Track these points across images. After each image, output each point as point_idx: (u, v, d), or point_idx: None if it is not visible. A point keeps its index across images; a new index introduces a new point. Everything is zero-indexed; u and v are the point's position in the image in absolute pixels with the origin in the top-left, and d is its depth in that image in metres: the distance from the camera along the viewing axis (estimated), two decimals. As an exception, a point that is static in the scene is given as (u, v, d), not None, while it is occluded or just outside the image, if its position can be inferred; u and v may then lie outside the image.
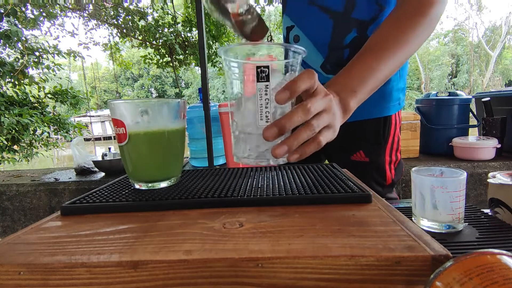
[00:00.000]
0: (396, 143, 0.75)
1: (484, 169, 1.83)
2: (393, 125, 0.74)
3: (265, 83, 0.38)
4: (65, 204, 0.41)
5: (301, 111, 0.37)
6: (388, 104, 0.73)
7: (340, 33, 0.69)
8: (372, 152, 0.74)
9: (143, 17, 4.80)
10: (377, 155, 0.74)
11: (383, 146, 0.74)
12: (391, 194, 0.78)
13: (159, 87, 22.48)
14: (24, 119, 2.67)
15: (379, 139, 0.73)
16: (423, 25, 0.51)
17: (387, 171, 0.75)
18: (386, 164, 0.74)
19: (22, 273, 0.26)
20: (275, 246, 0.27)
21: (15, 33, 2.81)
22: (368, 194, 0.39)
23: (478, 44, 20.82)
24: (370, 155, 0.73)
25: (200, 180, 0.51)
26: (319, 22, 0.71)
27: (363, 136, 0.74)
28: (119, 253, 0.27)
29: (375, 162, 0.74)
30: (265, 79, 0.38)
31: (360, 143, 0.74)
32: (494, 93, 2.13)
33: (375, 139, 0.73)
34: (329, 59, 0.72)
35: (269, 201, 0.39)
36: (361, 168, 0.73)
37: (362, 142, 0.74)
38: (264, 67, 0.38)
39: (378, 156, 0.74)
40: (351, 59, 0.51)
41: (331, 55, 0.71)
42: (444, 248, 0.25)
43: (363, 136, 0.74)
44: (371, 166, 0.74)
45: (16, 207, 1.94)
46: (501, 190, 0.50)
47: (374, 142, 0.74)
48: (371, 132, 0.73)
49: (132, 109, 0.44)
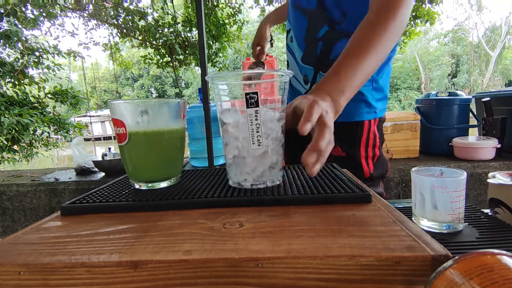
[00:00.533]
0: (372, 139, 0.83)
1: (484, 169, 1.83)
2: (366, 126, 0.82)
3: (254, 108, 0.40)
4: (65, 204, 0.41)
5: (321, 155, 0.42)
6: (361, 111, 0.82)
7: (314, 28, 0.80)
8: (348, 147, 0.82)
9: (143, 17, 4.79)
10: (352, 150, 0.82)
11: (358, 142, 0.82)
12: (376, 188, 0.83)
13: (159, 87, 22.47)
14: (24, 119, 2.67)
15: (354, 136, 0.82)
16: (394, 28, 0.59)
17: (363, 165, 0.82)
18: (362, 159, 0.82)
19: (22, 273, 0.26)
20: (275, 246, 0.27)
21: (15, 33, 2.81)
22: (368, 194, 0.39)
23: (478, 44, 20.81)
24: (346, 150, 0.82)
25: (200, 180, 0.51)
26: (299, 21, 0.83)
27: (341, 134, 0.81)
28: (119, 253, 0.27)
29: (351, 156, 0.82)
30: (254, 105, 0.40)
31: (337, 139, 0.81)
32: (494, 93, 2.13)
33: (350, 137, 0.82)
34: (307, 52, 0.84)
35: (269, 201, 0.39)
36: (339, 162, 0.79)
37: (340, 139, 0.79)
38: (253, 93, 0.40)
39: (353, 151, 0.82)
40: (336, 61, 0.57)
41: (308, 48, 0.83)
42: (444, 248, 0.25)
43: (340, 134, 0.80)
44: (347, 160, 0.81)
45: (16, 207, 1.94)
46: (501, 190, 0.50)
47: (350, 139, 0.82)
48: (347, 131, 0.82)
49: (132, 109, 0.44)
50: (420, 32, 4.86)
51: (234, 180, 0.45)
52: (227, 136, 0.44)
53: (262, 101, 0.41)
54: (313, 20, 0.80)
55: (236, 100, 0.43)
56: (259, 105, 0.40)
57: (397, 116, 2.04)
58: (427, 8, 4.20)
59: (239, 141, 0.43)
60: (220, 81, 0.43)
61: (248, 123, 0.41)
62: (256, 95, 0.40)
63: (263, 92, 0.41)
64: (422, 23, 4.43)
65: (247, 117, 0.41)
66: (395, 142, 2.02)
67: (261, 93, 0.41)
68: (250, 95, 0.40)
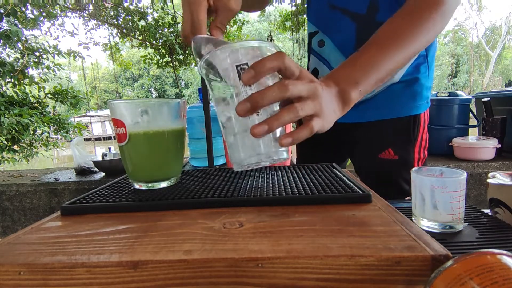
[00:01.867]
0: (424, 140, 0.74)
1: (484, 169, 1.83)
2: (422, 123, 0.73)
3: None
4: (65, 204, 0.41)
5: (277, 86, 0.35)
6: (418, 103, 0.72)
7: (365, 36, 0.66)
8: (402, 150, 0.72)
9: (143, 17, 4.79)
10: (407, 153, 0.73)
11: (413, 143, 0.73)
12: None
13: (159, 87, 22.48)
14: (24, 119, 2.67)
15: (409, 136, 0.72)
16: (433, 20, 0.50)
17: None
18: (415, 162, 0.73)
19: (22, 273, 0.26)
20: (275, 246, 0.27)
21: (15, 33, 2.81)
22: (368, 194, 0.39)
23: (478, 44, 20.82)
24: (399, 152, 0.72)
25: (200, 180, 0.51)
26: (342, 26, 0.70)
27: (393, 133, 0.74)
28: (119, 253, 0.27)
29: (404, 160, 0.72)
30: None
31: (389, 140, 0.74)
32: (494, 93, 2.13)
33: (405, 137, 0.72)
34: None
35: (269, 201, 0.39)
36: (388, 166, 0.73)
37: (392, 140, 0.73)
38: (243, 65, 0.37)
39: (408, 153, 0.73)
40: (356, 51, 0.50)
41: None
42: (444, 248, 0.25)
43: (392, 133, 0.74)
44: (400, 164, 0.72)
45: (16, 207, 1.94)
46: (501, 190, 0.50)
47: (405, 140, 0.73)
48: (402, 130, 0.73)
49: (132, 109, 0.44)
50: (420, 32, 4.84)
51: (238, 161, 0.41)
52: (224, 116, 0.41)
53: None
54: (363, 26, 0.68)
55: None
56: None
57: (397, 116, 2.03)
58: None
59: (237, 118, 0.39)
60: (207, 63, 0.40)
61: (243, 95, 0.38)
62: (247, 66, 0.37)
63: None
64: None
65: (241, 88, 0.38)
66: (395, 142, 2.02)
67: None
68: (240, 66, 0.37)
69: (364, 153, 0.77)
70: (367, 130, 0.75)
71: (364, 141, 0.74)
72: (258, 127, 0.35)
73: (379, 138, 0.74)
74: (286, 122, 0.37)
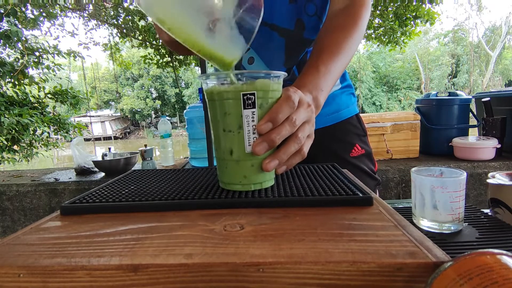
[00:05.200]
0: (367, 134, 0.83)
1: (484, 169, 1.83)
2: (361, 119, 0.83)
3: (251, 109, 0.39)
4: (64, 203, 0.40)
5: (288, 125, 0.40)
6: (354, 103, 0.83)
7: (294, 52, 0.73)
8: (363, 143, 0.79)
9: (143, 17, 4.79)
10: (367, 145, 0.80)
11: (366, 136, 0.81)
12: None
13: (159, 87, 22.46)
14: (24, 119, 2.67)
15: (363, 131, 0.81)
16: (361, 32, 0.63)
17: (373, 159, 0.81)
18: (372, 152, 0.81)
19: (22, 275, 0.26)
20: (276, 250, 0.27)
21: (15, 33, 2.81)
22: (369, 197, 0.38)
23: (478, 44, 20.81)
24: (363, 146, 0.79)
25: (200, 180, 0.50)
26: (271, 42, 0.72)
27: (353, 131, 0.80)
28: (119, 256, 0.27)
29: (368, 152, 0.79)
30: (251, 106, 0.39)
31: (353, 138, 0.79)
32: (494, 93, 2.13)
33: (361, 131, 0.80)
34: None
35: (269, 203, 0.39)
36: (359, 161, 0.77)
37: (354, 137, 0.80)
38: (250, 94, 0.39)
39: (367, 145, 0.80)
40: (310, 60, 0.57)
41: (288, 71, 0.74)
42: (446, 255, 0.25)
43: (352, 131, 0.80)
44: (365, 156, 0.79)
45: (16, 207, 1.94)
46: (501, 190, 0.50)
47: (361, 134, 0.80)
48: (356, 127, 0.80)
49: None
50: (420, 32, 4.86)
51: (225, 182, 0.44)
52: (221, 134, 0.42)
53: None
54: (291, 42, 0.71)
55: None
56: (256, 106, 0.39)
57: (397, 116, 2.04)
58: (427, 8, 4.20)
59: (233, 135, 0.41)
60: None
61: (244, 125, 0.40)
62: (254, 96, 0.39)
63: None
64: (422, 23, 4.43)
65: (244, 118, 0.40)
66: (395, 142, 2.02)
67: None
68: (247, 96, 0.39)
69: (337, 155, 0.79)
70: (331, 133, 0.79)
71: (333, 144, 0.77)
72: (270, 163, 0.40)
73: (344, 138, 0.79)
74: (292, 152, 0.41)
